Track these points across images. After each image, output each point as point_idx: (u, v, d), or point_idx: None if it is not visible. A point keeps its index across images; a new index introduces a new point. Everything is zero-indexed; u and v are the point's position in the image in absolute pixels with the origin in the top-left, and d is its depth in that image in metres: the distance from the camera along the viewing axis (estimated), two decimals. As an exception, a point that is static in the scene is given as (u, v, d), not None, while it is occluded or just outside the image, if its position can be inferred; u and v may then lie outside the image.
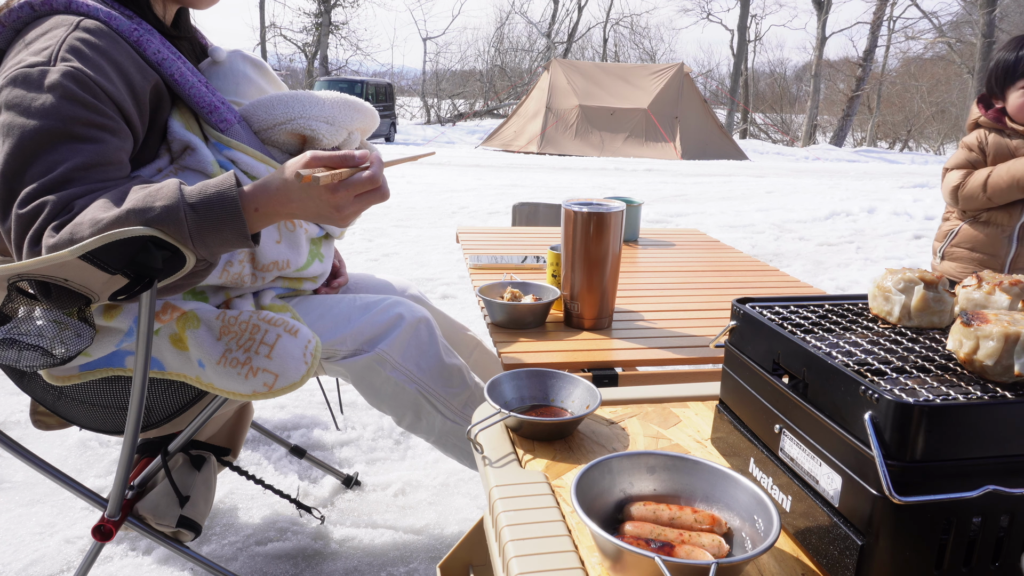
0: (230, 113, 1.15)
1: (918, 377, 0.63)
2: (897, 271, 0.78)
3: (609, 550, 0.59)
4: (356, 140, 1.30)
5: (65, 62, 0.97)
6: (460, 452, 1.30)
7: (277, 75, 1.35)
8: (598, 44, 31.97)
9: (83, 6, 1.04)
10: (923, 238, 5.93)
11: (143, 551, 1.56)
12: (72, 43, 0.99)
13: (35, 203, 0.93)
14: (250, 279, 1.19)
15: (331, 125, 1.21)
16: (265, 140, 1.20)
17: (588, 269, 1.24)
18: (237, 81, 1.23)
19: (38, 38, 1.00)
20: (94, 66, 0.99)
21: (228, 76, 1.23)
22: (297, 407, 2.29)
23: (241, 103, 1.21)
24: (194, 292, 1.19)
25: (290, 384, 1.11)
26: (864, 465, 0.58)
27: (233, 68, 1.24)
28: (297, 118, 1.18)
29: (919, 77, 25.89)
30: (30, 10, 1.04)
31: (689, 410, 0.95)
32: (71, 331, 0.99)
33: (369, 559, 1.58)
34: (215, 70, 1.23)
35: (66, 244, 0.90)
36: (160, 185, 0.95)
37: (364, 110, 1.27)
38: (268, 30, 27.87)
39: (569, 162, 12.35)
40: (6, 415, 2.17)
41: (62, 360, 0.99)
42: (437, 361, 1.26)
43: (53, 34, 1.00)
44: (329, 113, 1.20)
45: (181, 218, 0.92)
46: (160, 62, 1.09)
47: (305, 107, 1.19)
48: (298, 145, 1.24)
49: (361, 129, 1.29)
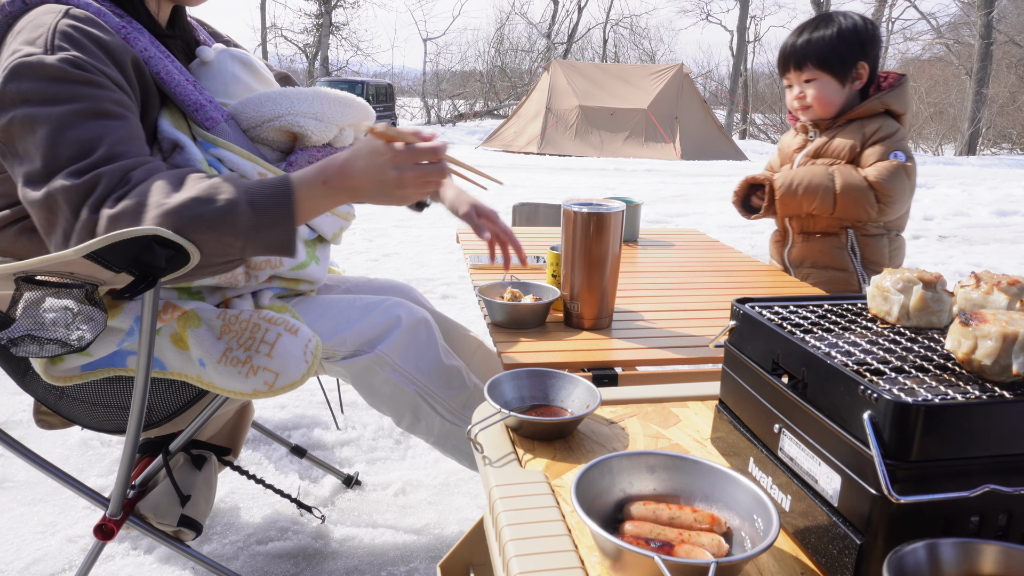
0: (216, 111, 1.15)
1: (917, 377, 0.63)
2: (896, 271, 0.78)
3: (609, 550, 0.60)
4: (349, 136, 1.30)
5: (62, 50, 0.97)
6: (459, 453, 1.30)
7: (268, 71, 1.34)
8: (598, 45, 31.97)
9: (75, 0, 1.05)
10: (921, 238, 5.93)
11: (144, 550, 1.56)
12: (63, 29, 0.99)
13: (90, 175, 0.93)
14: (243, 278, 1.19)
15: (320, 121, 1.21)
16: (254, 138, 1.20)
17: (588, 269, 1.25)
18: (226, 82, 1.23)
19: (27, 26, 1.00)
20: (88, 52, 0.99)
21: (217, 76, 1.22)
22: (297, 407, 2.30)
23: (230, 103, 1.20)
24: (191, 292, 1.19)
25: (291, 383, 1.12)
26: (863, 465, 0.58)
27: (221, 68, 1.23)
28: (285, 114, 1.18)
29: (917, 78, 25.87)
30: (22, 4, 1.04)
31: (689, 410, 0.96)
32: (84, 316, 1.00)
33: (369, 559, 1.58)
34: (204, 70, 1.22)
35: (128, 217, 0.92)
36: (223, 178, 0.99)
37: (355, 105, 1.27)
38: (269, 31, 27.86)
39: (569, 162, 12.35)
40: (8, 415, 2.18)
41: (80, 346, 1.00)
42: (436, 362, 1.26)
43: (42, 20, 1.00)
44: (318, 109, 1.20)
45: (239, 213, 0.95)
46: (147, 60, 1.09)
47: (293, 103, 1.18)
48: (288, 142, 1.24)
49: (353, 124, 1.29)
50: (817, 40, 1.62)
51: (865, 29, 1.62)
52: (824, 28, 1.63)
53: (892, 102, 1.63)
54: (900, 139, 1.61)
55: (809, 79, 1.65)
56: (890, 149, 1.58)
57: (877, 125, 1.62)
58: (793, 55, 1.66)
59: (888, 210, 1.58)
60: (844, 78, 1.63)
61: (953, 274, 4.60)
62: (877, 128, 1.62)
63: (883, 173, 1.56)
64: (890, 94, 1.63)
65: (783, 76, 1.72)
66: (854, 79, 1.64)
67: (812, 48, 1.63)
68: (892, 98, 1.63)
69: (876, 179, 1.56)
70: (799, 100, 1.69)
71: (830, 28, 1.62)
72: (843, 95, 1.65)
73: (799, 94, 1.68)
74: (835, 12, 1.66)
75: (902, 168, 1.56)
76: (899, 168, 1.56)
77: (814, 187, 1.61)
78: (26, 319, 0.98)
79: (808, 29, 1.65)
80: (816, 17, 1.67)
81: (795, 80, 1.68)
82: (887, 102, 1.63)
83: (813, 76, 1.64)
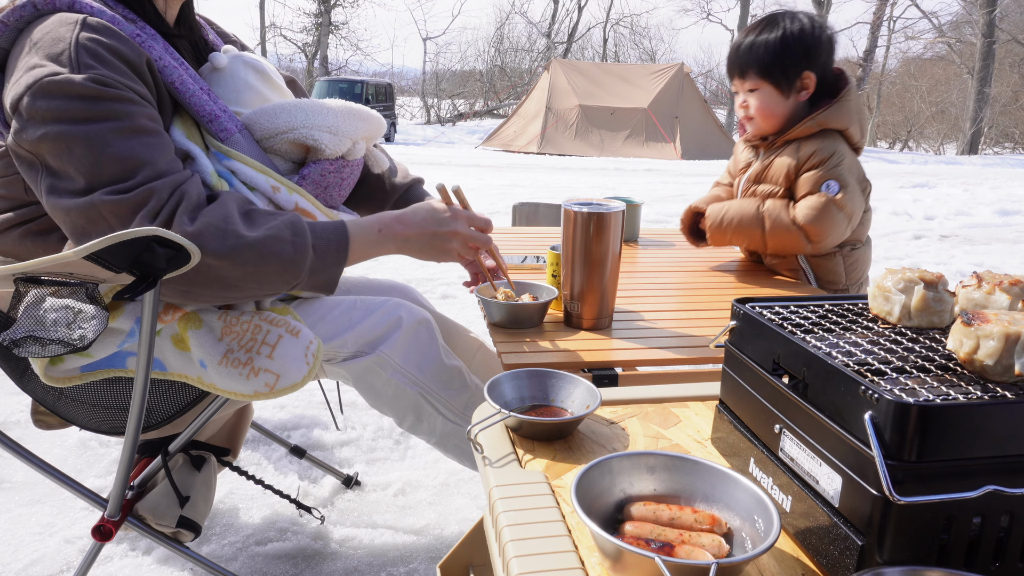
0: (231, 122, 1.14)
1: (918, 377, 0.63)
2: (897, 271, 0.78)
3: (609, 550, 0.59)
4: (361, 149, 1.30)
5: (89, 68, 0.97)
6: (461, 453, 1.30)
7: (280, 77, 1.34)
8: (598, 44, 31.99)
9: (87, 6, 1.04)
10: (923, 238, 5.93)
11: (143, 551, 1.56)
12: (85, 44, 0.98)
13: (139, 190, 0.96)
14: None
15: (334, 135, 1.20)
16: (267, 149, 1.20)
17: (588, 269, 1.24)
18: (238, 89, 1.21)
19: (44, 39, 0.99)
20: (114, 67, 0.99)
21: (229, 83, 1.21)
22: (297, 407, 2.29)
23: (242, 112, 1.19)
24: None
25: (291, 385, 1.11)
26: (864, 465, 0.58)
27: (234, 75, 1.22)
28: (299, 127, 1.17)
29: (919, 77, 25.91)
30: (33, 9, 1.03)
31: (689, 410, 0.95)
32: (85, 314, 1.00)
33: (369, 559, 1.58)
34: (216, 77, 1.21)
35: (211, 237, 0.98)
36: (290, 219, 1.06)
37: (369, 119, 1.27)
38: (268, 30, 27.88)
39: (569, 162, 12.36)
40: (6, 415, 2.17)
41: (82, 346, 1.00)
42: (437, 363, 1.26)
43: (60, 34, 0.99)
44: (332, 123, 1.20)
45: (307, 256, 1.05)
46: (162, 69, 1.09)
47: (308, 116, 1.18)
48: (301, 155, 1.23)
49: (366, 137, 1.29)
50: (760, 46, 1.50)
51: (811, 34, 1.49)
52: (768, 32, 1.50)
53: (830, 120, 1.49)
54: (835, 165, 1.48)
55: (752, 88, 1.54)
56: (823, 178, 1.47)
57: (813, 148, 1.49)
58: (736, 62, 1.55)
59: (822, 246, 1.50)
60: (787, 89, 1.51)
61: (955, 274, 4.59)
62: (812, 152, 1.49)
63: (810, 213, 1.46)
64: (827, 112, 1.49)
65: (730, 82, 1.60)
66: (799, 89, 1.51)
67: (754, 55, 1.51)
68: (830, 116, 1.49)
69: (803, 221, 1.47)
70: (743, 109, 1.59)
71: (774, 32, 1.49)
72: (787, 107, 1.53)
73: (743, 103, 1.58)
74: (782, 13, 1.52)
75: (831, 203, 1.45)
76: (828, 204, 1.45)
77: (744, 227, 1.54)
78: (27, 319, 0.97)
79: (753, 32, 1.53)
80: (762, 19, 1.54)
81: (740, 88, 1.58)
82: (823, 121, 1.49)
83: (756, 85, 1.53)
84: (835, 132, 1.52)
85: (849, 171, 1.49)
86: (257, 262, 1.01)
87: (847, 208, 1.46)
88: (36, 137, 0.95)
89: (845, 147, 1.51)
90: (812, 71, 1.50)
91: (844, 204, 1.45)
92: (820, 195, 1.46)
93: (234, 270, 1.01)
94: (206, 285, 1.02)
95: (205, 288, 1.03)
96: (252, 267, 1.01)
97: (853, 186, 1.49)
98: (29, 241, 1.09)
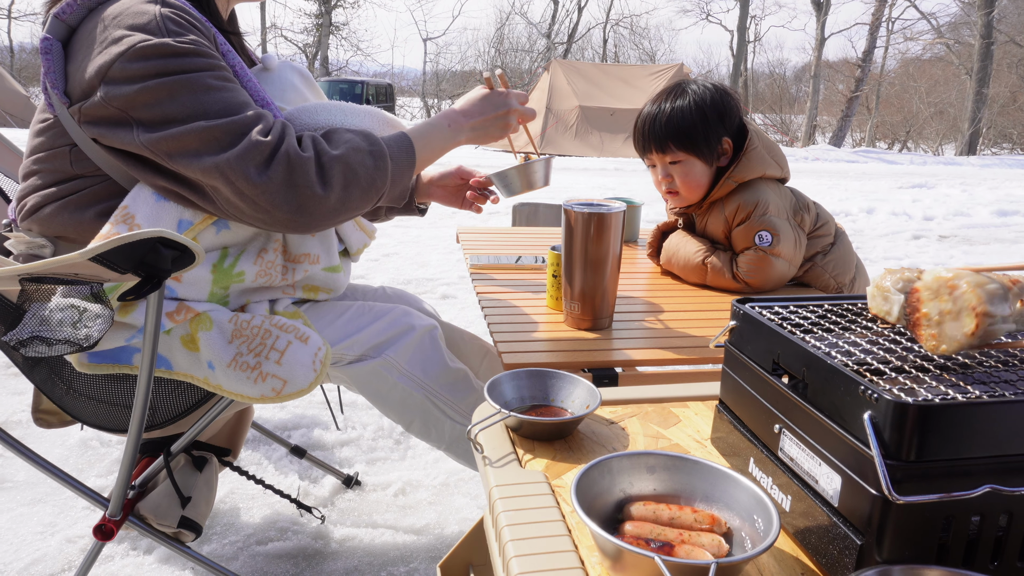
0: (276, 112, 1.17)
1: (917, 377, 0.63)
2: (896, 271, 0.78)
3: (609, 550, 0.60)
4: None
5: (178, 35, 1.02)
6: (472, 457, 1.31)
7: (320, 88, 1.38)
8: (598, 45, 31.99)
9: None
10: (922, 238, 5.94)
11: (144, 551, 1.57)
12: (171, 16, 1.04)
13: (253, 113, 1.04)
14: (280, 271, 1.21)
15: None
16: None
17: (588, 270, 1.25)
18: (284, 88, 1.26)
19: (125, 13, 1.03)
20: (200, 35, 1.06)
21: (276, 83, 1.26)
22: (297, 407, 2.30)
23: (285, 108, 1.23)
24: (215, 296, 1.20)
25: (298, 391, 1.13)
26: (863, 465, 0.58)
27: (282, 76, 1.28)
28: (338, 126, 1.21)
29: (918, 78, 25.91)
30: None
31: (689, 410, 0.96)
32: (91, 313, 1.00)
33: (369, 559, 1.58)
34: (265, 76, 1.27)
35: (354, 156, 1.08)
36: (366, 133, 1.15)
37: (396, 125, 1.31)
38: (269, 31, 27.87)
39: (569, 162, 12.35)
40: (8, 415, 2.18)
41: (89, 344, 1.00)
42: (442, 366, 1.27)
43: (143, 9, 1.03)
44: (368, 125, 1.23)
45: (388, 164, 1.13)
46: (224, 54, 1.12)
47: (347, 117, 1.21)
48: None
49: None
50: (677, 116, 1.49)
51: (722, 101, 1.50)
52: (680, 100, 1.50)
53: (743, 174, 1.50)
54: (761, 214, 1.48)
55: (674, 161, 1.52)
56: (753, 230, 1.48)
57: (736, 203, 1.50)
58: (653, 135, 1.52)
59: (767, 291, 1.51)
60: (710, 157, 1.51)
61: (953, 274, 4.59)
62: (736, 207, 1.50)
63: (750, 269, 1.48)
64: (739, 168, 1.50)
65: (643, 156, 1.59)
66: (719, 155, 1.52)
67: (672, 127, 1.49)
68: (742, 171, 1.50)
69: (745, 276, 1.49)
70: (666, 183, 1.56)
71: (686, 100, 1.49)
72: (710, 174, 1.53)
73: (665, 176, 1.56)
74: (686, 83, 1.53)
75: (767, 255, 1.46)
76: (764, 257, 1.46)
77: (689, 272, 1.58)
78: (33, 319, 0.98)
79: (663, 101, 1.52)
80: (667, 90, 1.54)
81: (659, 161, 1.55)
82: (737, 177, 1.50)
83: (678, 158, 1.52)
84: (753, 180, 1.53)
85: (777, 214, 1.49)
86: (375, 169, 1.11)
87: (784, 253, 1.48)
88: (133, 91, 0.99)
89: (767, 189, 1.51)
90: (728, 137, 1.52)
91: (780, 251, 1.48)
92: (756, 249, 1.48)
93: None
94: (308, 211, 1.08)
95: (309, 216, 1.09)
96: (373, 175, 1.11)
97: (785, 229, 1.49)
98: (67, 214, 1.09)
